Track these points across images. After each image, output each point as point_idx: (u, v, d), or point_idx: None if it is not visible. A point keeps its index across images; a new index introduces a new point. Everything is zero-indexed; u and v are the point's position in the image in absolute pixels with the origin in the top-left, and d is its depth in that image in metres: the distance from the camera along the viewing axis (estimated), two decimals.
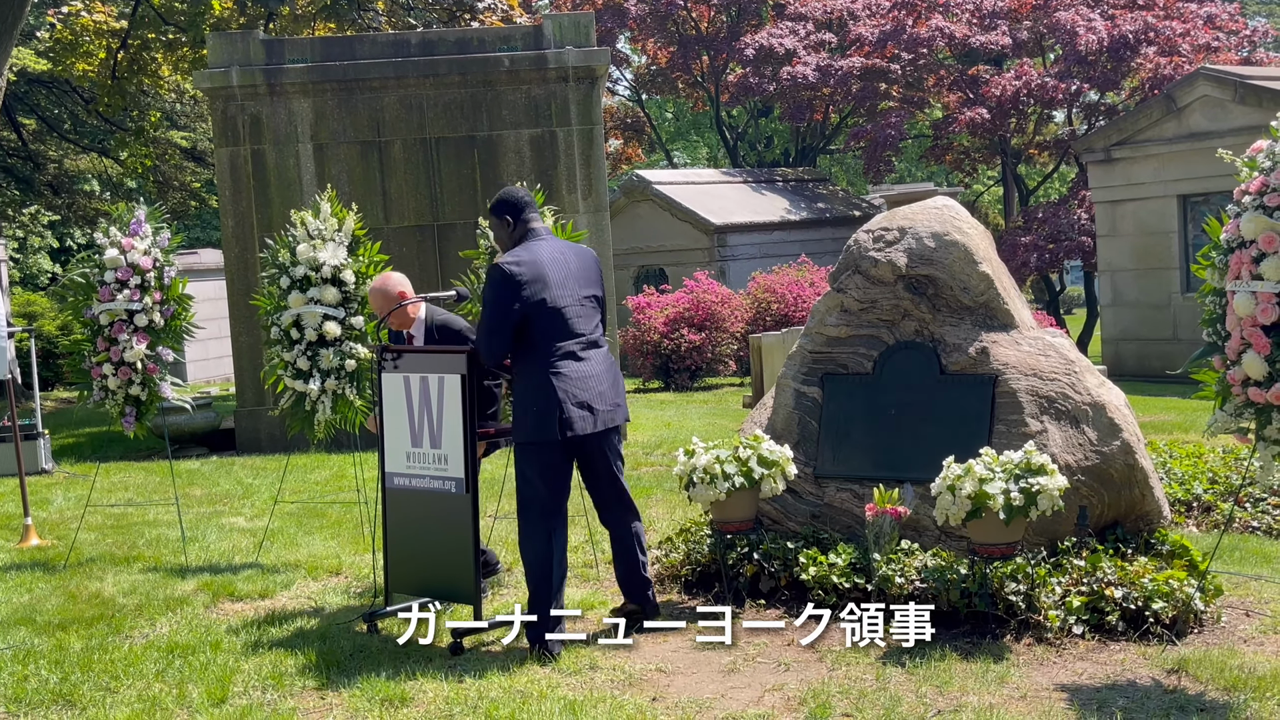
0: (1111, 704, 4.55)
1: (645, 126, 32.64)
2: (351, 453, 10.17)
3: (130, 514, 8.99)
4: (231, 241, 12.48)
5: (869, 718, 4.50)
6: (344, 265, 7.04)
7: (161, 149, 21.49)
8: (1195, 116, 16.88)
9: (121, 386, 7.30)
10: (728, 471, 5.87)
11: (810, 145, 31.50)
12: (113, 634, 5.90)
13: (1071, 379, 5.88)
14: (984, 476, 5.22)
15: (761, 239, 22.88)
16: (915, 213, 6.36)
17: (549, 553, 5.45)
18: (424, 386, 5.66)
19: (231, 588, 6.65)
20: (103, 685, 5.13)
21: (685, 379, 17.95)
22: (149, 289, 7.30)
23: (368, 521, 7.92)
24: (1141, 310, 17.67)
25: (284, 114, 12.35)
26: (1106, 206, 18.18)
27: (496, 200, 5.67)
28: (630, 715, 4.60)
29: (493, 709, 4.66)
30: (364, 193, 12.14)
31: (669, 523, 8.09)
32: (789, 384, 6.51)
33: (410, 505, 5.76)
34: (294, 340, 7.07)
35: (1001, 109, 23.80)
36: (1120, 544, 5.79)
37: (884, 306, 6.28)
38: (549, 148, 12.48)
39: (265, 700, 4.91)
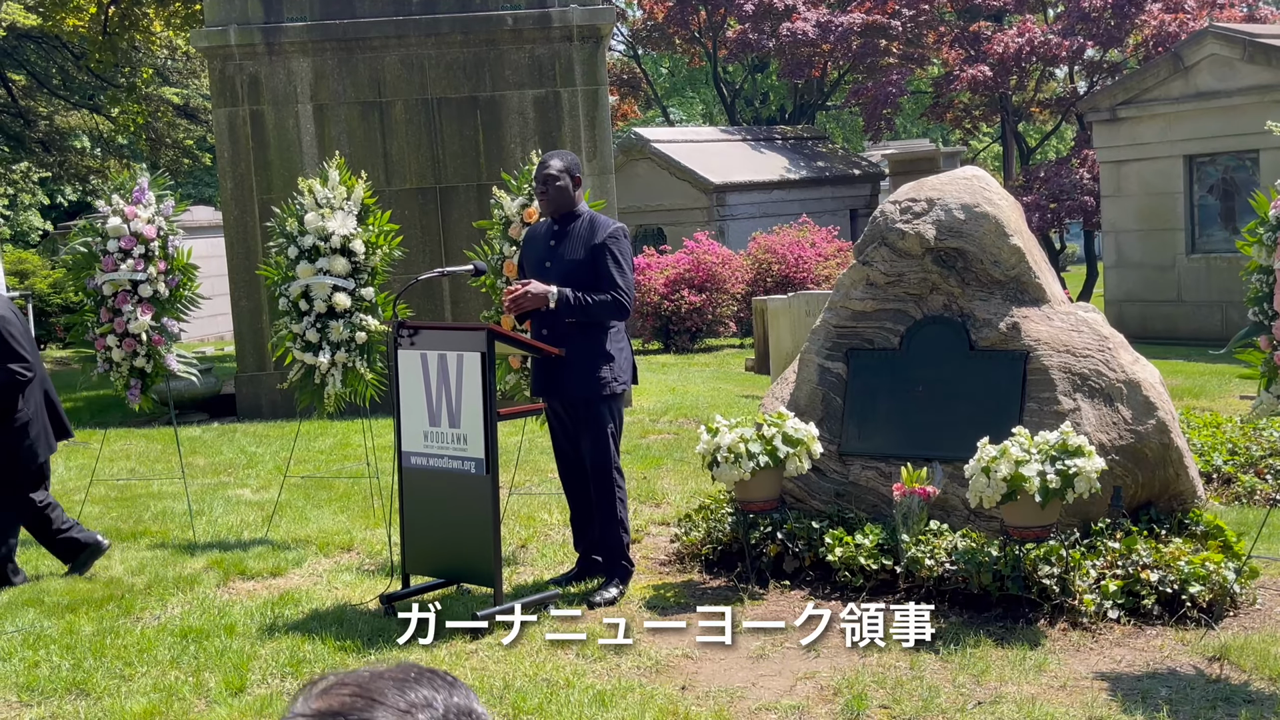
0: (1154, 695, 4.44)
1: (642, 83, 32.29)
2: (354, 420, 10.03)
3: (134, 485, 8.85)
4: (230, 204, 12.25)
5: (907, 710, 4.39)
6: (354, 235, 6.86)
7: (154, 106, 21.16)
8: (1203, 75, 16.67)
9: (126, 359, 7.13)
10: (752, 450, 5.74)
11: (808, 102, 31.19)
12: (123, 616, 5.77)
13: (1105, 355, 5.75)
14: (1020, 458, 5.10)
15: (761, 198, 22.66)
16: (944, 183, 6.19)
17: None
18: (442, 364, 5.51)
19: (242, 565, 6.52)
20: (116, 673, 5.01)
21: (685, 340, 17.81)
22: (153, 258, 7.11)
23: (377, 494, 7.79)
24: (1145, 272, 17.53)
25: (283, 74, 12.09)
26: (1111, 166, 17.99)
27: (571, 160, 5.90)
28: (661, 706, 4.48)
29: (520, 700, 4.55)
30: (365, 155, 11.91)
31: (681, 495, 7.97)
32: (812, 359, 6.37)
33: (428, 485, 5.62)
34: (303, 312, 6.90)
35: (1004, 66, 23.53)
36: (1154, 525, 5.68)
37: (911, 280, 6.13)
38: (553, 109, 12.25)
39: (285, 689, 4.79)
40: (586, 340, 5.79)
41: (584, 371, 5.78)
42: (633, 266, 5.91)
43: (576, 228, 5.89)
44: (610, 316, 5.78)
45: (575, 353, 5.77)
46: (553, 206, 5.89)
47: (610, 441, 5.86)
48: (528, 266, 6.01)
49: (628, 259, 5.84)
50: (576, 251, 5.82)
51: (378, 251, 6.95)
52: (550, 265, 5.85)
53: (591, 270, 5.77)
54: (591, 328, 5.80)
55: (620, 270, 5.77)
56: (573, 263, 5.80)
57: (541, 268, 5.88)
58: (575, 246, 5.83)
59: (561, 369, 5.80)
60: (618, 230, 5.86)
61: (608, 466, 5.86)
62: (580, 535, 6.15)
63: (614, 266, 5.76)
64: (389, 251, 7.00)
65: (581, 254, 5.80)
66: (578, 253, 5.81)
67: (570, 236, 5.88)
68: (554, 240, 5.92)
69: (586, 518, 6.10)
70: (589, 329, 5.79)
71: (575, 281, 5.75)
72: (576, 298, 5.68)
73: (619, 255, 5.79)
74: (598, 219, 5.91)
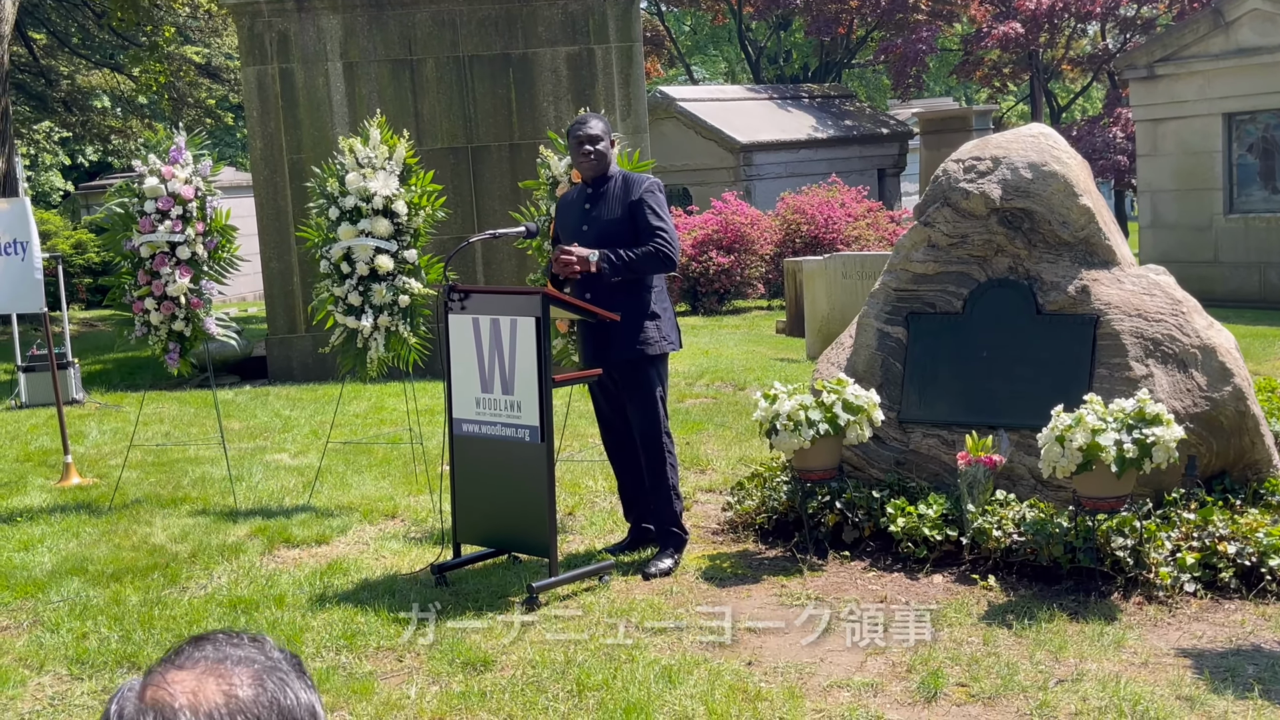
0: (1242, 673, 4.29)
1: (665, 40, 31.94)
2: (388, 383, 9.90)
3: (170, 450, 8.74)
4: (260, 164, 12.08)
5: (986, 688, 4.24)
6: (396, 195, 6.69)
7: (176, 65, 20.94)
8: (1244, 31, 16.32)
9: (165, 322, 6.99)
10: (812, 418, 5.57)
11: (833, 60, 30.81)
12: (169, 585, 5.66)
13: (1179, 320, 5.56)
14: (1096, 427, 4.92)
15: (788, 157, 22.39)
16: (1009, 141, 5.99)
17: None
18: (495, 329, 5.36)
19: (286, 533, 6.40)
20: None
21: (714, 302, 17.62)
22: (191, 220, 6.95)
23: (419, 460, 7.66)
24: (1181, 232, 17.25)
25: (312, 31, 11.89)
26: (1148, 125, 17.66)
27: (607, 122, 5.84)
28: (730, 684, 4.34)
29: (584, 675, 4.41)
30: (396, 114, 11.69)
31: (726, 461, 7.83)
32: (871, 323, 6.19)
33: (480, 453, 5.48)
34: (344, 275, 6.74)
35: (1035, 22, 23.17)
36: (1229, 495, 5.51)
37: (975, 241, 5.93)
38: (586, 66, 12.02)
39: (340, 663, 4.67)
40: (631, 300, 5.63)
41: (629, 332, 5.62)
42: (671, 217, 5.73)
43: (611, 188, 5.73)
44: (657, 268, 5.61)
45: (620, 313, 5.59)
46: (594, 170, 5.73)
47: (659, 405, 5.70)
48: (564, 234, 5.85)
49: (666, 210, 5.68)
50: (614, 210, 5.66)
51: (420, 213, 6.78)
52: (587, 229, 5.69)
53: (630, 227, 5.61)
54: (635, 286, 5.63)
55: (660, 219, 5.61)
56: (610, 222, 5.65)
57: (579, 232, 5.71)
58: (612, 206, 5.68)
59: (608, 332, 5.64)
60: (653, 184, 5.69)
61: (657, 431, 5.70)
62: (630, 505, 6.01)
63: (653, 217, 5.61)
64: (432, 213, 6.83)
65: (619, 212, 5.64)
66: (615, 211, 5.65)
67: (605, 197, 5.72)
68: (589, 204, 5.76)
69: (635, 487, 5.96)
70: (632, 288, 5.62)
71: (614, 240, 5.59)
72: (618, 255, 5.53)
73: (657, 207, 5.63)
74: (631, 176, 5.75)
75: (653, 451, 5.74)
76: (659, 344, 5.69)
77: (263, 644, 1.39)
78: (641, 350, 5.65)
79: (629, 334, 5.63)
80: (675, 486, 5.81)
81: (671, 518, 5.78)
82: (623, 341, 5.64)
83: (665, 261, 5.61)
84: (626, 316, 5.61)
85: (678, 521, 5.80)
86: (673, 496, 5.78)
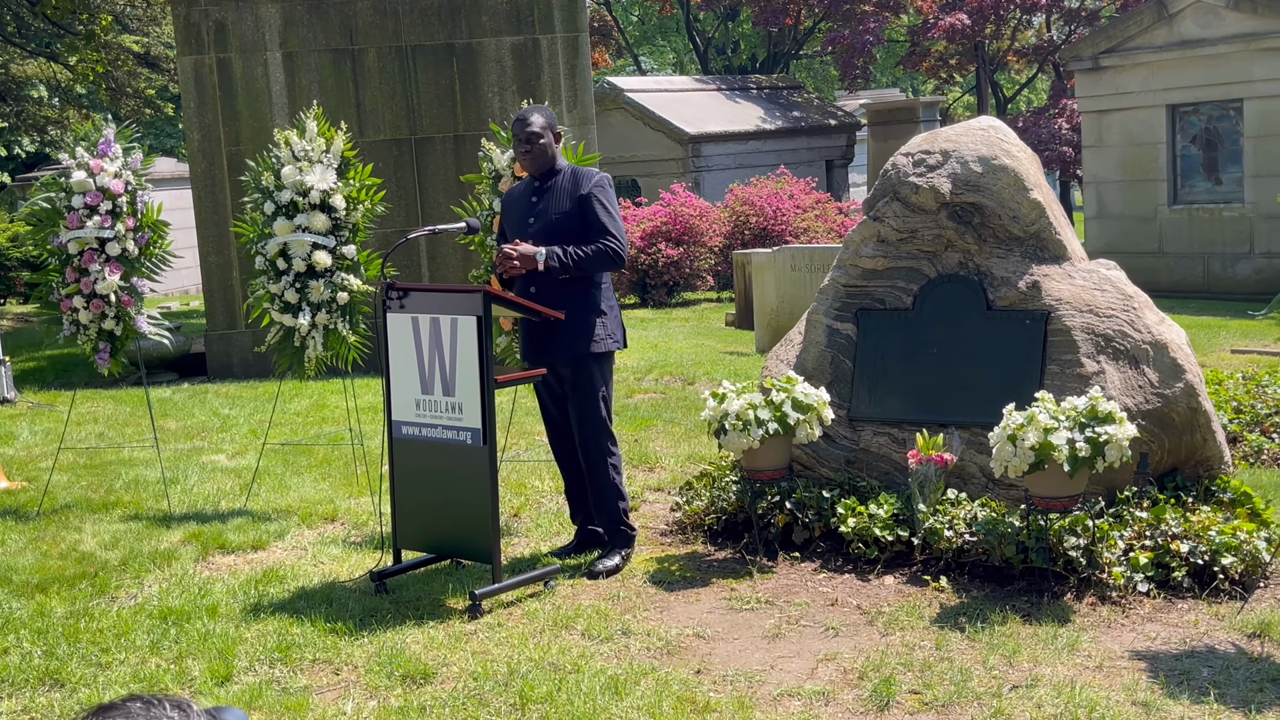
0: (1196, 676, 4.22)
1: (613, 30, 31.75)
2: (330, 380, 9.69)
3: (104, 452, 8.49)
4: (198, 156, 11.80)
5: (940, 695, 4.15)
6: (334, 189, 6.51)
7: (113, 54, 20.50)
8: (1187, 23, 16.40)
9: (94, 320, 6.75)
10: (761, 418, 5.45)
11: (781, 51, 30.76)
12: (98, 596, 5.45)
13: (1130, 315, 5.49)
14: (1048, 426, 4.84)
15: (737, 149, 22.30)
16: (959, 134, 5.90)
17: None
18: (435, 329, 5.19)
19: (221, 538, 6.21)
20: (92, 660, 4.69)
21: (662, 295, 17.52)
22: (121, 215, 6.72)
23: (360, 460, 7.48)
24: (1126, 223, 17.33)
25: (251, 20, 11.61)
26: (1093, 116, 17.72)
27: (550, 116, 5.65)
28: (678, 695, 4.22)
29: (528, 687, 4.27)
30: (336, 104, 11.48)
31: (675, 459, 7.71)
32: (820, 319, 6.08)
33: (420, 457, 5.32)
34: (280, 271, 6.55)
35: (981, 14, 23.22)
36: (1180, 492, 5.45)
37: (925, 236, 5.84)
38: (532, 56, 11.84)
39: (274, 677, 4.50)
40: (577, 297, 5.50)
41: (574, 329, 5.48)
42: (620, 213, 5.60)
43: (559, 182, 5.58)
44: (605, 266, 5.48)
45: (565, 310, 5.46)
46: (536, 166, 5.59)
47: (601, 405, 5.57)
48: (509, 229, 5.69)
49: (615, 207, 5.57)
50: (561, 205, 5.52)
51: (359, 207, 6.60)
52: (534, 222, 5.54)
53: (579, 222, 5.48)
54: (582, 283, 5.50)
55: (610, 217, 5.49)
56: (559, 216, 5.50)
57: (525, 226, 5.56)
58: (560, 200, 5.53)
59: (551, 329, 5.50)
60: (603, 179, 5.56)
61: (599, 431, 5.57)
62: (576, 507, 5.88)
63: (603, 214, 5.48)
64: (371, 207, 6.66)
65: (567, 206, 5.50)
66: (563, 205, 5.51)
67: (553, 192, 5.57)
68: (535, 197, 5.61)
69: (582, 488, 5.82)
70: (579, 285, 5.50)
71: (562, 236, 5.46)
72: (567, 252, 5.39)
73: (606, 203, 5.51)
74: (580, 171, 5.61)
75: (594, 452, 5.61)
76: (604, 342, 5.56)
77: (187, 712, 1.21)
78: (586, 348, 5.51)
79: (573, 331, 5.50)
80: (619, 486, 5.68)
81: (617, 517, 5.66)
82: (567, 339, 5.51)
83: (614, 260, 5.48)
84: (572, 313, 5.47)
85: (624, 520, 5.68)
86: (617, 497, 5.66)
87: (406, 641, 4.73)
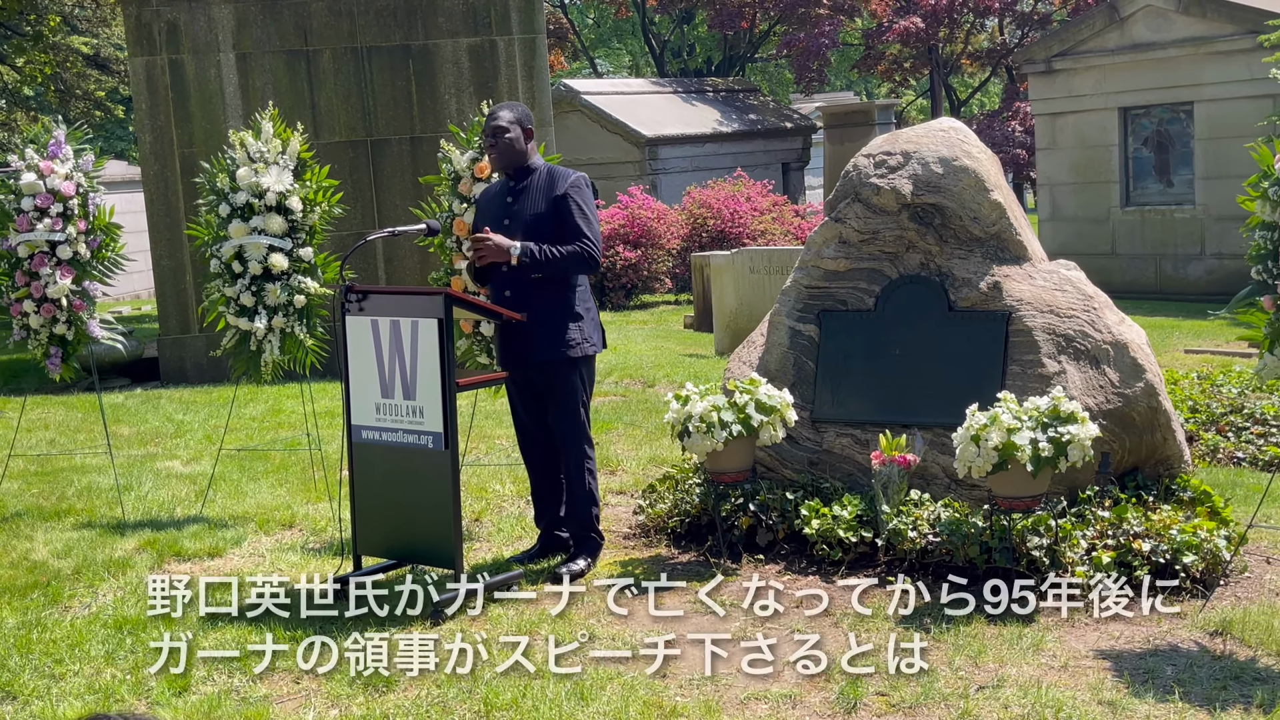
0: (1161, 674, 4.23)
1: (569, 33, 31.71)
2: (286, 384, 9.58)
3: (55, 459, 8.34)
4: (150, 159, 11.64)
5: (906, 697, 4.14)
6: (290, 191, 6.43)
7: (62, 55, 20.23)
8: (1138, 27, 16.57)
9: (45, 325, 6.64)
10: (725, 420, 5.43)
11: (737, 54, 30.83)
12: (50, 605, 5.35)
13: (1090, 316, 5.51)
14: (1011, 426, 4.84)
15: (694, 151, 22.31)
16: (920, 136, 5.90)
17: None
18: (395, 331, 5.13)
19: (177, 546, 6.11)
20: (45, 671, 4.59)
21: (621, 297, 17.49)
22: (72, 217, 6.61)
23: (318, 465, 7.39)
24: (1080, 224, 17.48)
25: (203, 21, 11.47)
26: (1046, 119, 17.88)
27: (522, 112, 5.59)
28: (644, 699, 4.19)
29: (492, 695, 4.22)
30: (291, 106, 11.35)
31: (636, 462, 7.68)
32: (783, 321, 6.06)
33: (381, 461, 5.25)
34: (236, 274, 6.46)
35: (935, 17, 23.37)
36: (1141, 491, 5.48)
37: (887, 238, 5.84)
38: (489, 58, 11.78)
39: (233, 687, 4.42)
40: (553, 300, 5.46)
41: (551, 333, 5.45)
42: (598, 215, 5.56)
43: (534, 181, 5.54)
44: (579, 269, 5.45)
45: (541, 314, 5.43)
46: (503, 161, 5.55)
47: (581, 410, 5.56)
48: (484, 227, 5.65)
49: (592, 209, 5.52)
50: (537, 205, 5.48)
51: (316, 209, 6.53)
52: (509, 223, 5.50)
53: (554, 223, 5.43)
54: (558, 286, 5.46)
55: (586, 220, 5.45)
56: (534, 216, 5.46)
57: (500, 226, 5.52)
58: (535, 200, 5.49)
59: (527, 333, 5.46)
60: (579, 180, 5.52)
61: (579, 437, 5.56)
62: (542, 511, 5.83)
63: (579, 216, 5.44)
64: (328, 209, 6.58)
65: (542, 206, 5.46)
66: (538, 206, 5.47)
67: (528, 191, 5.53)
68: (511, 197, 5.57)
69: (548, 492, 5.78)
70: (555, 288, 5.46)
71: (537, 236, 5.42)
72: (541, 250, 5.35)
73: (583, 205, 5.47)
74: (556, 170, 5.57)
75: (572, 457, 5.60)
76: (581, 346, 5.52)
77: None
78: (564, 353, 5.48)
79: (551, 335, 5.46)
80: (594, 492, 5.68)
81: (589, 522, 5.65)
82: (544, 343, 5.47)
83: (588, 263, 5.45)
84: (549, 317, 5.45)
85: (595, 527, 5.67)
86: (590, 503, 5.65)
87: (368, 649, 4.66)
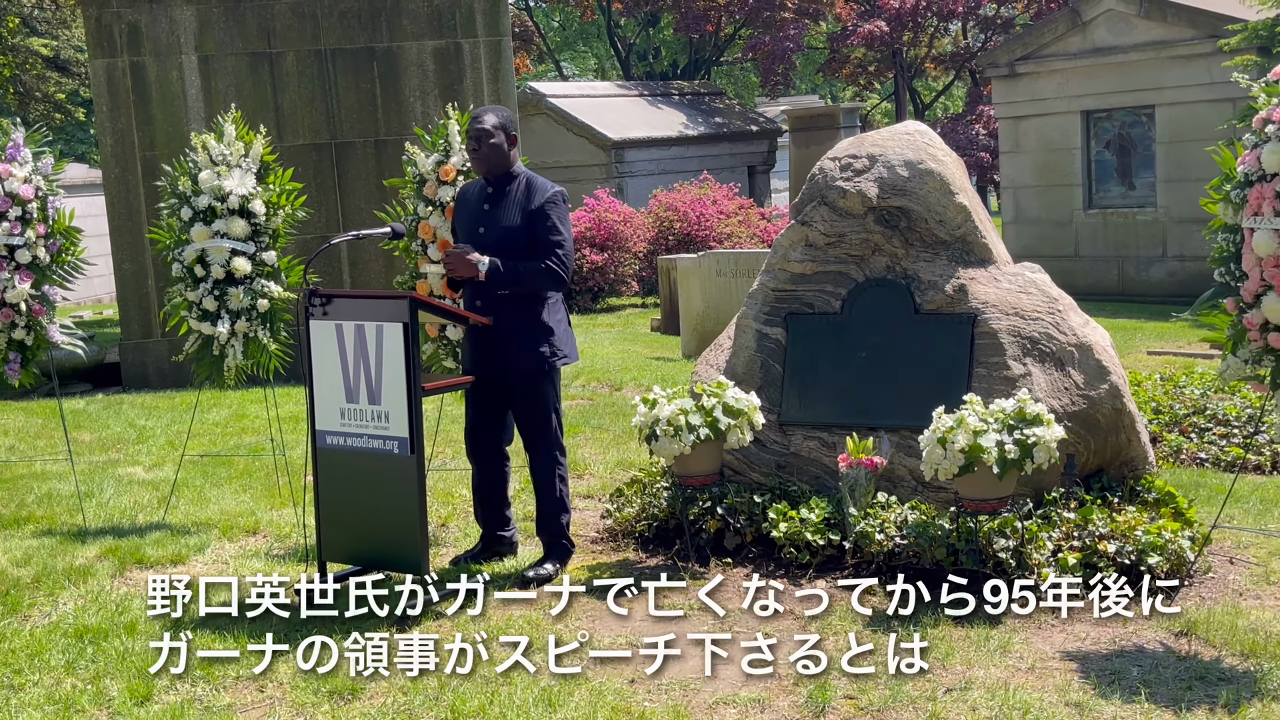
0: (1127, 675, 4.25)
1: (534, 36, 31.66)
2: (250, 389, 9.51)
3: (14, 465, 8.24)
4: (111, 162, 11.53)
5: (875, 700, 4.14)
6: (253, 194, 6.38)
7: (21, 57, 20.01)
8: (1100, 30, 16.70)
9: (4, 330, 6.54)
10: (692, 423, 5.42)
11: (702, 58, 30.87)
12: (9, 614, 5.27)
13: (1055, 318, 5.54)
14: (978, 429, 4.85)
15: (660, 154, 22.33)
16: (886, 139, 5.92)
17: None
18: (359, 336, 5.09)
19: (139, 553, 6.03)
20: (4, 682, 4.52)
21: (588, 300, 17.48)
22: (31, 221, 6.52)
23: (282, 471, 7.33)
24: (1044, 227, 17.60)
25: (165, 23, 11.37)
26: (1010, 122, 17.99)
27: (506, 117, 5.50)
28: (613, 705, 4.17)
29: (459, 701, 4.19)
30: (255, 109, 11.27)
31: (604, 465, 7.67)
32: (750, 324, 6.06)
33: (346, 467, 5.21)
34: (199, 278, 6.40)
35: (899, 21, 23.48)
36: (1106, 493, 5.50)
37: (853, 241, 5.85)
38: (454, 61, 11.73)
39: (196, 695, 4.37)
40: (522, 313, 5.44)
41: (525, 343, 5.46)
42: (571, 232, 5.52)
43: (513, 190, 5.51)
44: (546, 286, 5.43)
45: (511, 326, 5.42)
46: (486, 166, 5.51)
47: (553, 418, 5.56)
48: (460, 232, 5.63)
49: (566, 225, 5.47)
50: (512, 217, 5.44)
51: (279, 212, 6.48)
52: (484, 231, 5.47)
53: (528, 236, 5.40)
54: (527, 299, 5.44)
55: (558, 236, 5.41)
56: (508, 229, 5.43)
57: (475, 233, 5.49)
58: (511, 211, 5.46)
59: (499, 342, 5.44)
60: (556, 194, 5.47)
61: (551, 444, 5.57)
62: (484, 508, 5.80)
63: (552, 233, 5.40)
64: (292, 212, 6.54)
65: (518, 219, 5.43)
66: (514, 218, 5.44)
67: (506, 200, 5.49)
68: (488, 204, 5.53)
69: (492, 490, 5.76)
70: (524, 301, 5.44)
71: (511, 248, 5.39)
72: (508, 267, 5.33)
73: (558, 220, 5.43)
74: (535, 181, 5.52)
75: (544, 465, 5.61)
76: (550, 359, 5.52)
77: None
78: (536, 363, 5.46)
79: (524, 345, 5.46)
80: (565, 500, 5.69)
81: (559, 530, 5.65)
82: (516, 354, 5.45)
83: (555, 282, 5.43)
84: (518, 330, 5.45)
85: (565, 534, 5.68)
86: (561, 510, 5.66)
87: (333, 656, 4.62)
